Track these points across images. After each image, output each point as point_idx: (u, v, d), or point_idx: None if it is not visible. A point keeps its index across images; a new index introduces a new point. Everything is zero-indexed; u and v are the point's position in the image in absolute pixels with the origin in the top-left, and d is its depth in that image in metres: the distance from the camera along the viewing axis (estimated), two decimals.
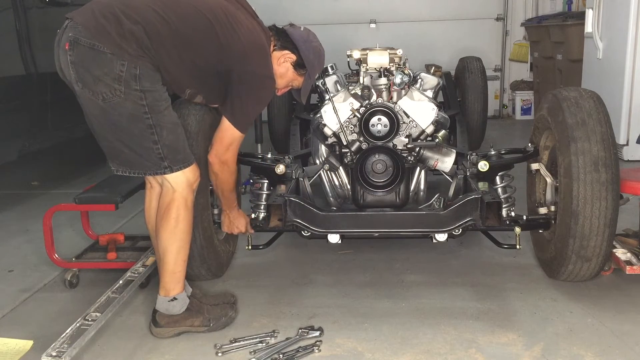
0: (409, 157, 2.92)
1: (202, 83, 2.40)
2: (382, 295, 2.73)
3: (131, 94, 2.17)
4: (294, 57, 2.53)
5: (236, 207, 2.76)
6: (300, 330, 2.39)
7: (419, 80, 3.28)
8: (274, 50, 2.51)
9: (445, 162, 2.89)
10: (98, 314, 2.30)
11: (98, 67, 2.15)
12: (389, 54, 3.01)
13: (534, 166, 2.93)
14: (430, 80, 3.34)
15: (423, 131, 2.95)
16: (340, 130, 2.94)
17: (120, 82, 2.15)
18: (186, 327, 2.39)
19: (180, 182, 2.31)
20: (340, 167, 3.01)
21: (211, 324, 2.41)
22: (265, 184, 2.88)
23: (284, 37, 2.54)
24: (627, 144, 4.96)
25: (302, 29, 2.61)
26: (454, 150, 2.92)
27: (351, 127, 2.97)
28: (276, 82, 2.53)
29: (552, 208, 2.78)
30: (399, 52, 3.02)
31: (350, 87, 3.05)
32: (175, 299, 2.37)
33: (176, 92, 2.42)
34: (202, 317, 2.40)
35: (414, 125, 2.96)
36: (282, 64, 2.53)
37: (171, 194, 2.31)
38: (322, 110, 2.99)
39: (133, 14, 2.19)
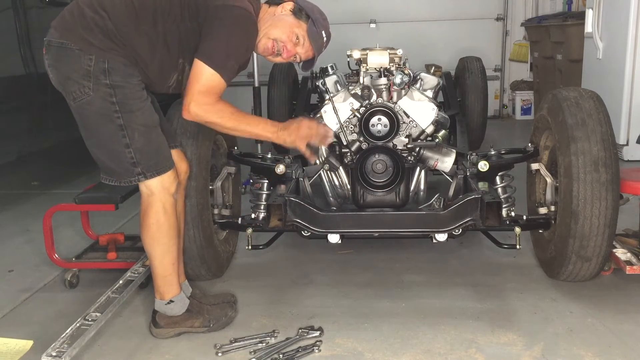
0: (409, 157, 2.92)
1: (184, 50, 2.24)
2: (382, 295, 2.73)
3: (100, 90, 2.11)
4: (291, 4, 2.41)
5: (281, 124, 2.36)
6: (300, 330, 2.39)
7: (419, 80, 3.28)
8: (270, 5, 2.41)
9: (445, 162, 2.89)
10: (98, 314, 2.30)
11: (67, 64, 2.12)
12: (389, 54, 3.01)
13: (534, 166, 2.93)
14: (430, 80, 3.34)
15: (423, 131, 2.95)
16: (340, 130, 2.94)
17: (89, 78, 2.10)
18: (186, 327, 2.38)
19: (155, 186, 2.24)
20: (340, 167, 3.01)
21: (211, 324, 2.40)
22: (265, 184, 2.88)
23: None
24: (627, 144, 4.96)
25: None
26: (454, 150, 2.92)
27: (351, 127, 2.97)
28: (278, 31, 2.36)
29: (552, 208, 2.79)
30: (399, 52, 3.02)
31: (350, 87, 3.05)
32: (172, 301, 2.36)
33: (163, 79, 2.28)
34: (202, 317, 2.40)
35: (414, 125, 2.96)
36: (280, 14, 2.39)
37: (147, 198, 2.26)
38: (322, 110, 2.99)
39: (95, 3, 2.16)
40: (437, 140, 2.94)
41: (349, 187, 3.03)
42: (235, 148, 3.06)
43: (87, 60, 2.10)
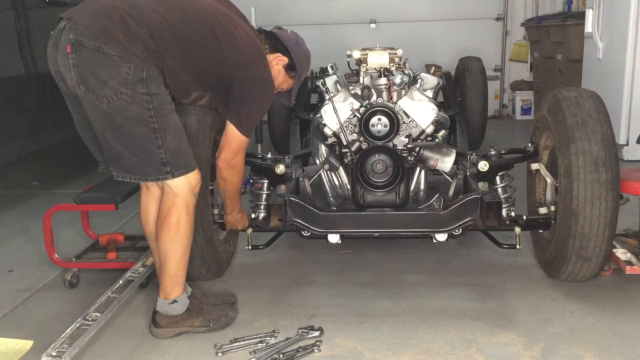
0: (409, 157, 2.92)
1: (206, 86, 2.39)
2: (382, 295, 2.73)
3: (137, 98, 2.13)
4: (285, 59, 2.53)
5: (240, 207, 2.76)
6: (300, 330, 2.39)
7: (419, 80, 3.28)
8: (266, 49, 2.49)
9: (445, 162, 2.89)
10: (98, 314, 2.30)
11: (104, 70, 2.10)
12: (389, 54, 3.01)
13: (534, 166, 2.93)
14: (430, 80, 3.34)
15: (423, 131, 2.95)
16: (340, 130, 2.94)
17: (127, 86, 2.11)
18: (186, 327, 2.39)
19: (182, 186, 2.28)
20: (340, 167, 3.01)
21: (211, 325, 2.40)
22: (265, 184, 2.89)
23: (274, 40, 2.54)
24: (627, 144, 4.96)
25: (289, 31, 2.60)
26: (454, 150, 2.92)
27: (351, 127, 2.97)
28: None
29: (552, 208, 2.78)
30: (399, 52, 3.02)
31: (350, 87, 3.06)
32: (175, 301, 2.36)
33: (179, 97, 2.39)
34: (202, 317, 2.40)
35: (414, 125, 2.96)
36: (274, 67, 2.52)
37: (172, 198, 2.28)
38: (322, 110, 2.99)
39: (137, 15, 2.16)
40: (437, 140, 2.94)
41: (349, 187, 3.03)
42: None
43: (127, 69, 2.11)
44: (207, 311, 2.43)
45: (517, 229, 2.70)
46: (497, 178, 2.84)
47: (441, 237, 2.75)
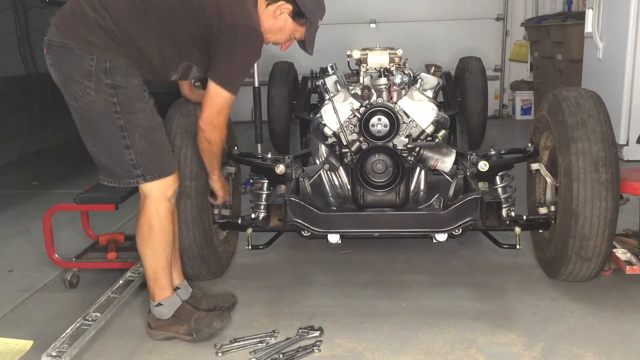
0: (409, 157, 2.92)
1: (188, 52, 2.27)
2: (382, 295, 2.73)
3: (102, 91, 2.11)
4: (289, 6, 2.37)
5: (221, 178, 2.65)
6: (300, 330, 2.39)
7: (419, 80, 3.28)
8: (268, 4, 2.37)
9: (445, 162, 2.89)
10: (98, 314, 2.30)
11: (68, 64, 2.12)
12: (389, 54, 3.01)
13: (534, 166, 2.93)
14: (430, 80, 3.34)
15: (423, 131, 2.95)
16: (340, 130, 2.94)
17: (91, 78, 2.09)
18: (171, 332, 2.36)
19: (152, 189, 2.23)
20: (340, 167, 3.01)
21: (194, 335, 2.33)
22: (265, 184, 2.88)
23: None
24: (627, 144, 4.96)
25: None
26: (454, 150, 2.92)
27: (351, 127, 2.97)
28: (277, 37, 2.42)
29: (552, 208, 2.79)
30: (399, 52, 3.02)
31: (350, 87, 3.05)
32: (160, 304, 2.34)
33: (164, 75, 2.30)
34: (187, 325, 2.34)
35: (414, 125, 2.96)
36: (279, 16, 2.38)
37: (143, 200, 2.26)
38: (322, 110, 2.99)
39: (96, 2, 2.14)
40: (437, 140, 2.94)
41: (349, 187, 3.03)
42: (235, 148, 3.06)
43: (89, 60, 2.10)
44: (195, 319, 2.36)
45: (517, 229, 2.70)
46: (497, 178, 2.83)
47: (441, 237, 2.74)
